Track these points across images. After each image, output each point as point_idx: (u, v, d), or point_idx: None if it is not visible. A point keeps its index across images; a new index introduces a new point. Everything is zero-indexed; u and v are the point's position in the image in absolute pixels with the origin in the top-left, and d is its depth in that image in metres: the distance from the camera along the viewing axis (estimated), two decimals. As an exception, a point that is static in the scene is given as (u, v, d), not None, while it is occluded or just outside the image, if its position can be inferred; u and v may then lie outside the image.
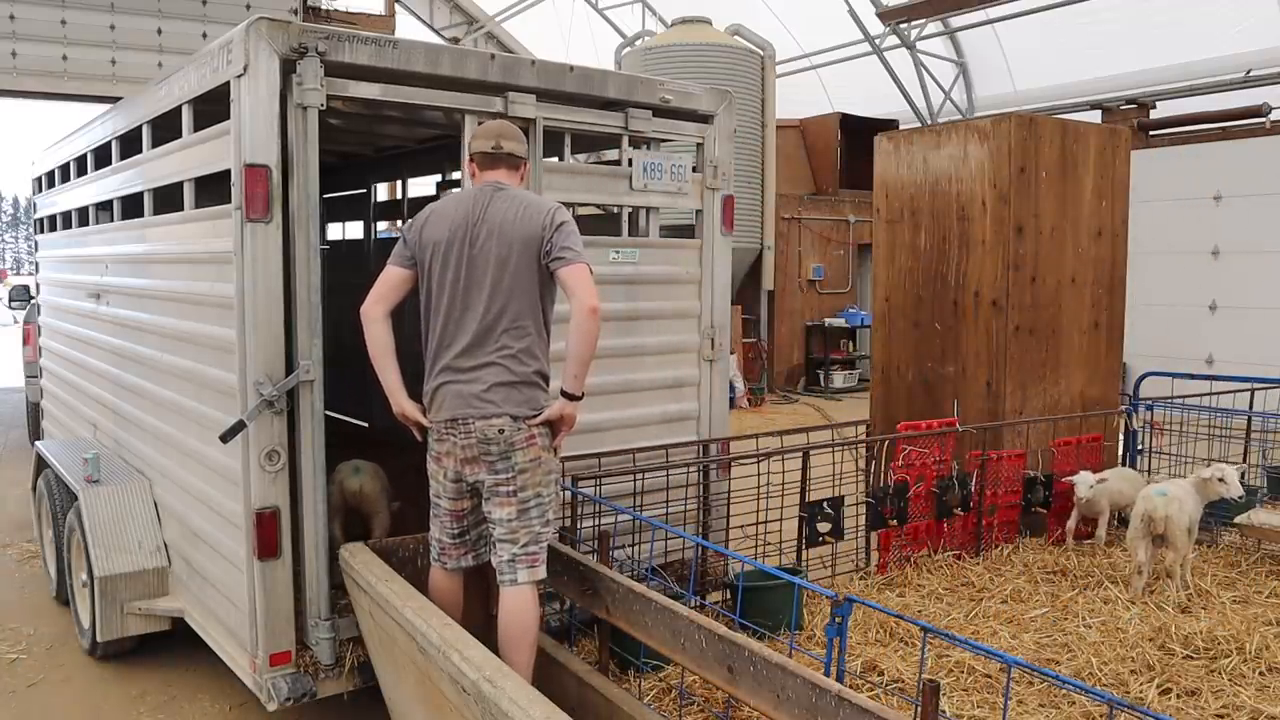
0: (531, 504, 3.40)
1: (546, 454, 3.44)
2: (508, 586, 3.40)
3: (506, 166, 3.59)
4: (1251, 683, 3.91)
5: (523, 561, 3.39)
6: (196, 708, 4.33)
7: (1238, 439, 6.34)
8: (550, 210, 3.46)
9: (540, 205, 3.49)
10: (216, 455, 3.79)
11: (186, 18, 10.83)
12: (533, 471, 3.40)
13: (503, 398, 3.36)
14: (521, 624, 3.37)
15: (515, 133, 3.66)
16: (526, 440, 3.37)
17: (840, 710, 2.43)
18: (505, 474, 3.38)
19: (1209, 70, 13.43)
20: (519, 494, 3.38)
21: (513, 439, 3.36)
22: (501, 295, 3.39)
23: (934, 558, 5.31)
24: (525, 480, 3.39)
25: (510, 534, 3.40)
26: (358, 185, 7.31)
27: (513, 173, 3.62)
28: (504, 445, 3.36)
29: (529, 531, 3.40)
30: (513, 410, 3.36)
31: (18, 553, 6.59)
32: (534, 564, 3.41)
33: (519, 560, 3.39)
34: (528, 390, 3.40)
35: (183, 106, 4.07)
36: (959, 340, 6.05)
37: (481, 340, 3.40)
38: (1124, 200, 6.37)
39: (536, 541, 3.42)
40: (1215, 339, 11.09)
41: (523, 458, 3.37)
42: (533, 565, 3.41)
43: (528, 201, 3.50)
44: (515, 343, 3.39)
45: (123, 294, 5.12)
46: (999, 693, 3.79)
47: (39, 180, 7.34)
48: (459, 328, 3.44)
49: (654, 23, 19.62)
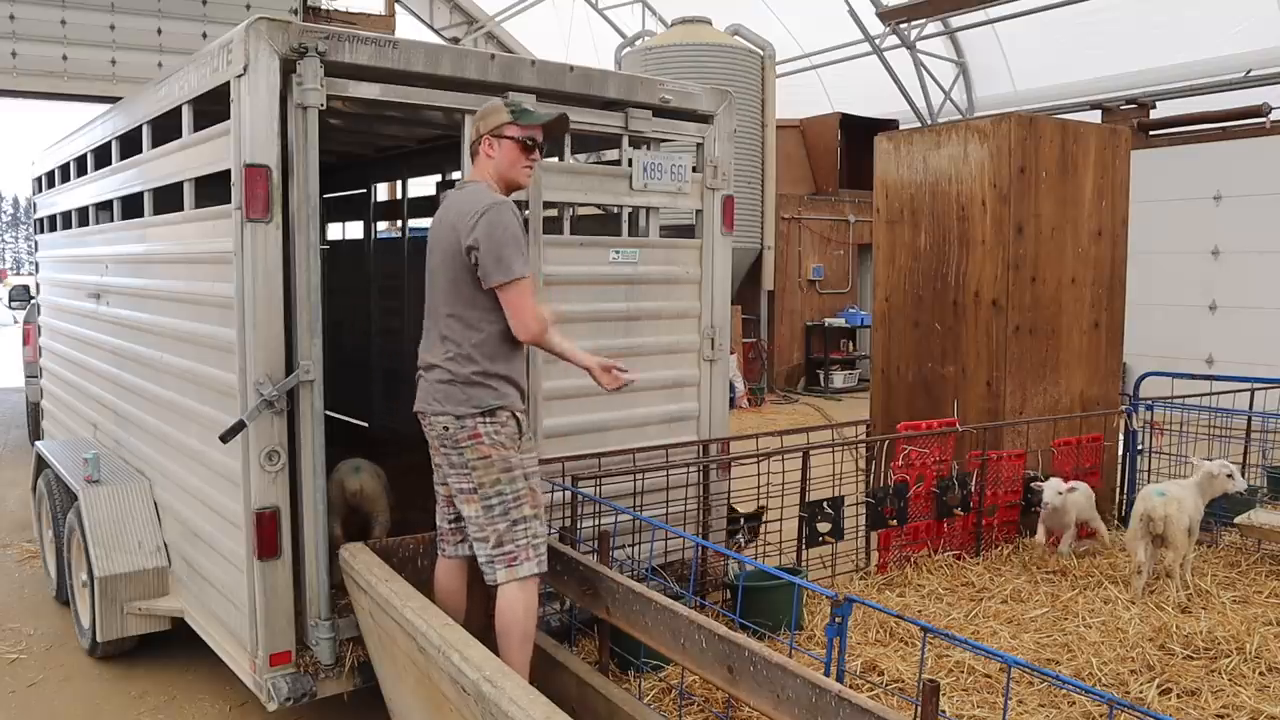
0: (494, 501, 3.37)
1: (498, 451, 3.37)
2: (495, 585, 3.42)
3: (472, 157, 3.53)
4: (1251, 683, 3.91)
5: (500, 561, 3.38)
6: (196, 708, 4.33)
7: (1238, 439, 6.35)
8: (471, 221, 3.27)
9: (465, 213, 3.31)
10: (216, 455, 3.79)
11: (186, 18, 10.83)
12: (485, 469, 3.36)
13: (444, 395, 3.38)
14: (503, 621, 3.37)
15: (475, 116, 3.55)
16: (470, 438, 3.36)
17: (840, 710, 2.43)
18: (463, 470, 3.39)
19: (1209, 70, 13.43)
20: (478, 491, 3.38)
21: (457, 437, 3.36)
22: (442, 302, 3.43)
23: (934, 558, 5.31)
24: (479, 478, 3.37)
25: (480, 532, 3.40)
26: (358, 185, 7.31)
27: (477, 160, 3.50)
28: (451, 443, 3.38)
29: (495, 531, 3.37)
30: (454, 409, 3.36)
31: (18, 553, 6.58)
32: (511, 563, 3.37)
33: (495, 561, 3.38)
34: (469, 389, 3.36)
35: (183, 106, 4.07)
36: (959, 340, 6.05)
37: (431, 343, 3.48)
38: (1124, 200, 6.37)
39: (513, 540, 3.38)
40: (1215, 339, 11.09)
41: (471, 455, 3.36)
42: (510, 565, 3.37)
43: (459, 209, 3.36)
44: (455, 347, 3.39)
45: (123, 294, 5.12)
46: (999, 693, 3.79)
47: (39, 180, 7.34)
48: (426, 328, 3.54)
49: (654, 23, 19.61)
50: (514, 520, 3.39)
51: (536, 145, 3.53)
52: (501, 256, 3.26)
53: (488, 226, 3.25)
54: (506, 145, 3.45)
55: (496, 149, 3.45)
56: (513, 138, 3.45)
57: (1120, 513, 6.33)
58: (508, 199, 3.42)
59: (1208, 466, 5.17)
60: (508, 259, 3.26)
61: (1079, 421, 6.08)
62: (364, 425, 7.48)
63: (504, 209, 3.31)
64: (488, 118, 3.47)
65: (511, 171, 3.48)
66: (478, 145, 3.48)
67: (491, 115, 3.47)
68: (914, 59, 16.41)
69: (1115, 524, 6.23)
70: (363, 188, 7.30)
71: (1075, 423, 6.06)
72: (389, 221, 9.52)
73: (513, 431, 3.42)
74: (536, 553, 3.43)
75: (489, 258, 3.26)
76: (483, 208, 3.28)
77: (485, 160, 3.47)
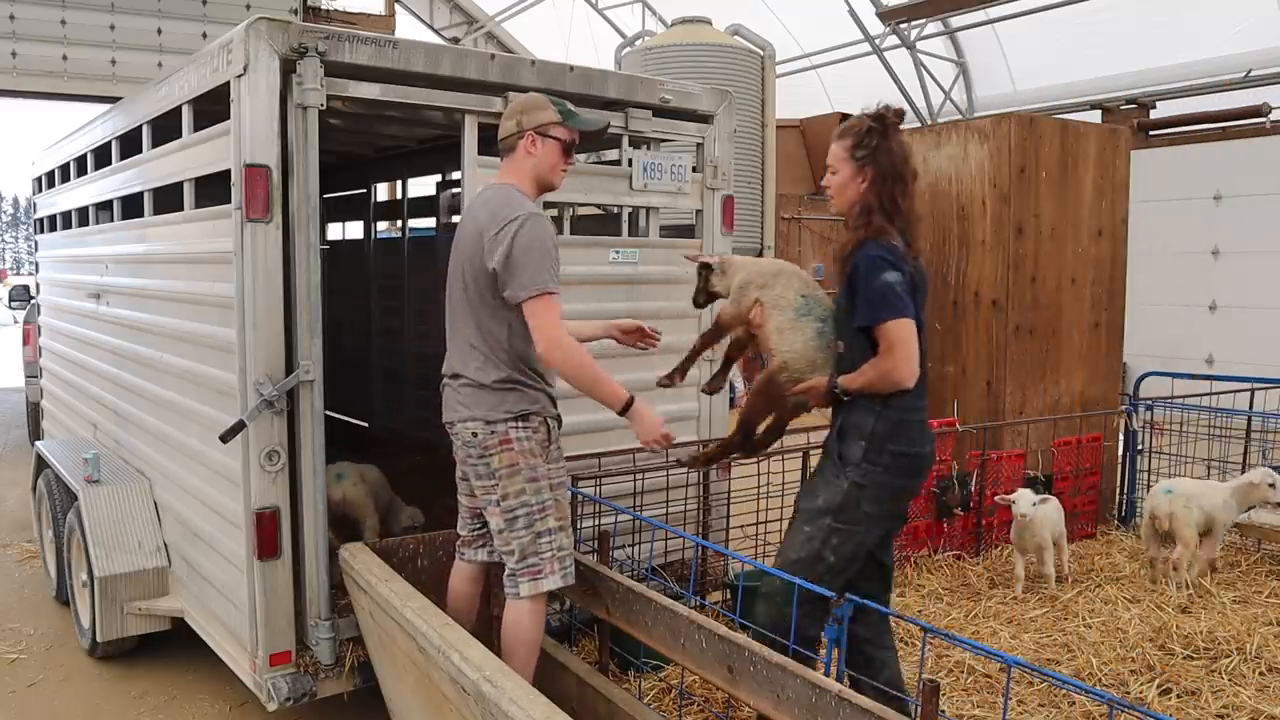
0: (518, 513, 3.25)
1: (526, 459, 3.24)
2: (510, 599, 3.35)
3: (503, 156, 3.34)
4: (1251, 683, 3.92)
5: (523, 575, 3.28)
6: (196, 708, 4.33)
7: (1238, 439, 6.35)
8: (504, 228, 3.10)
9: (498, 218, 3.14)
10: (216, 455, 3.79)
11: (186, 18, 10.81)
12: (510, 479, 3.24)
13: (473, 400, 3.25)
14: (512, 636, 3.31)
15: (512, 109, 3.34)
16: (501, 444, 3.23)
17: (840, 710, 2.43)
18: (488, 480, 3.28)
19: (1209, 70, 13.41)
20: (502, 503, 3.26)
21: (486, 443, 3.24)
22: (467, 306, 3.28)
23: (934, 558, 5.31)
24: (505, 488, 3.24)
25: (505, 545, 3.31)
26: (358, 185, 7.31)
27: (510, 159, 3.31)
28: (479, 449, 3.26)
29: (519, 543, 3.26)
30: (484, 414, 3.23)
31: (18, 553, 6.58)
32: (535, 576, 3.28)
33: (519, 575, 3.29)
34: (501, 394, 3.24)
35: (183, 106, 4.06)
36: (959, 340, 6.05)
37: (459, 350, 3.33)
38: (1124, 200, 6.37)
39: (536, 553, 3.26)
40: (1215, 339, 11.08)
41: (497, 464, 3.24)
42: (534, 578, 3.28)
43: (491, 211, 3.18)
44: (484, 354, 3.25)
45: (123, 294, 5.12)
46: (999, 693, 3.79)
47: (39, 180, 7.34)
48: (450, 334, 3.41)
49: (654, 23, 19.60)
50: (538, 533, 3.26)
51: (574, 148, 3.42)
52: (524, 266, 3.09)
53: (508, 236, 3.10)
54: (550, 145, 3.29)
55: (539, 147, 3.27)
56: (558, 139, 3.30)
57: (1120, 513, 6.34)
58: (544, 213, 3.29)
59: (1249, 475, 5.07)
60: (537, 272, 3.10)
61: (1079, 421, 6.08)
62: (364, 425, 7.48)
63: (542, 221, 3.17)
64: (532, 113, 3.27)
65: (551, 173, 3.33)
66: (515, 140, 3.28)
67: (537, 111, 3.28)
68: (914, 59, 16.40)
69: (1115, 524, 6.23)
70: (363, 188, 7.29)
71: (1075, 423, 6.06)
72: (389, 221, 9.52)
73: (543, 439, 3.30)
74: (562, 565, 3.31)
75: (522, 266, 3.09)
76: (520, 216, 3.11)
77: (525, 157, 3.28)
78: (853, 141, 3.22)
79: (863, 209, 3.21)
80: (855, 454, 3.16)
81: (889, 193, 3.19)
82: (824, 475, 3.26)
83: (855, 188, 3.24)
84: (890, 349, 3.10)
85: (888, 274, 3.09)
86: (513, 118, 3.30)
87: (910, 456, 3.20)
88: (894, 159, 3.20)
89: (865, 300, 3.11)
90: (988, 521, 5.52)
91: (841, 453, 3.20)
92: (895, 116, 3.24)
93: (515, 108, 3.34)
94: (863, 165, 3.21)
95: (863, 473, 3.16)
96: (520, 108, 3.32)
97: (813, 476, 3.36)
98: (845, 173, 3.25)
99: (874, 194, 3.20)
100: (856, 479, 3.16)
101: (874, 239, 3.15)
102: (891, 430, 3.15)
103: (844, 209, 3.34)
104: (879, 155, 3.19)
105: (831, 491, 3.19)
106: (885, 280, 3.08)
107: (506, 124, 3.31)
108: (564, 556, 3.34)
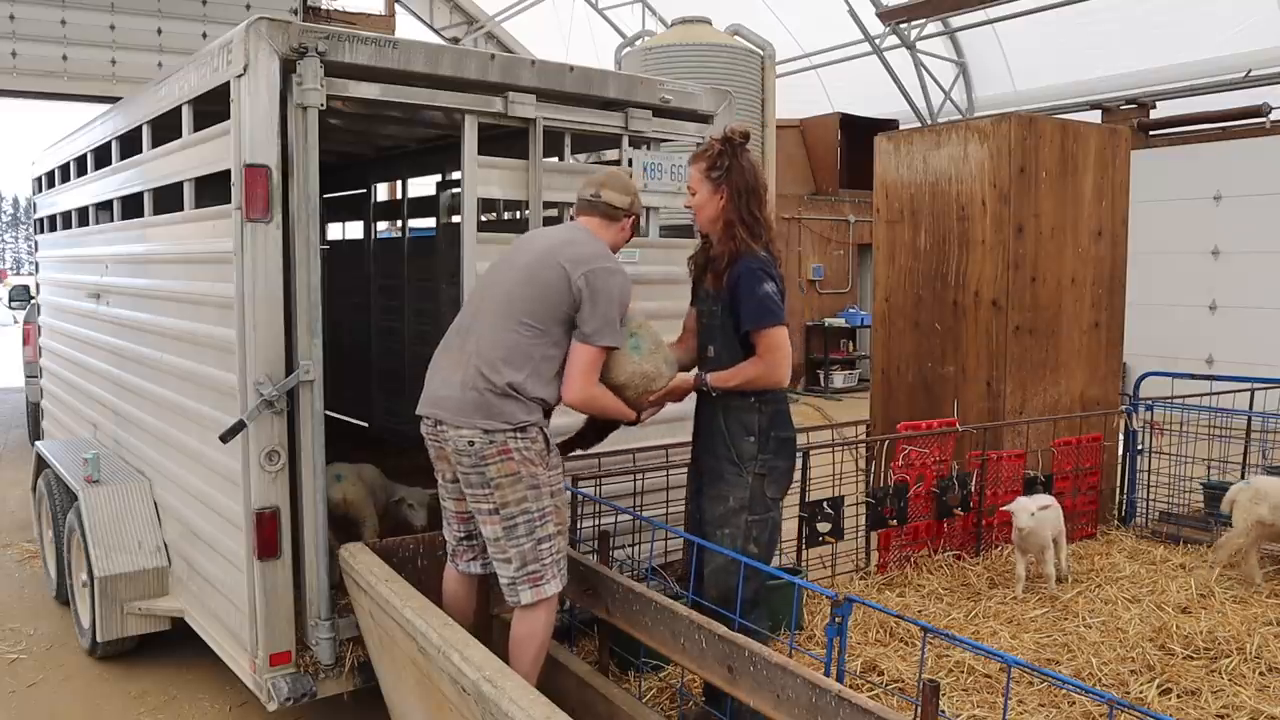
0: (519, 520, 3.22)
1: (526, 468, 3.22)
2: (516, 608, 3.32)
3: (601, 215, 3.49)
4: (1251, 683, 3.92)
5: (524, 582, 3.25)
6: (196, 708, 4.33)
7: (1238, 439, 6.35)
8: (598, 267, 3.28)
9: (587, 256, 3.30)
10: (216, 455, 3.79)
11: (186, 18, 10.82)
12: (510, 487, 3.20)
13: (473, 407, 3.20)
14: (520, 643, 3.29)
15: (622, 182, 3.54)
16: (500, 453, 3.19)
17: (840, 710, 2.43)
18: (480, 489, 3.24)
19: (1209, 70, 13.43)
20: (500, 511, 3.22)
21: (484, 453, 3.19)
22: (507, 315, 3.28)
23: (934, 558, 5.31)
24: (503, 496, 3.21)
25: (502, 554, 3.26)
26: (358, 185, 7.31)
27: (608, 223, 3.50)
28: (475, 458, 3.21)
29: (519, 551, 3.23)
30: (483, 423, 3.19)
31: (18, 553, 6.59)
32: (537, 583, 3.26)
33: (519, 582, 3.26)
34: (503, 403, 3.20)
35: (183, 106, 4.06)
36: (959, 340, 6.05)
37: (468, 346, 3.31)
38: (1124, 200, 6.37)
39: (537, 559, 3.24)
40: (1215, 339, 11.09)
41: (496, 473, 3.20)
42: (536, 584, 3.26)
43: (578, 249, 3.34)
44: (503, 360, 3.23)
45: (123, 294, 5.12)
46: (999, 693, 3.79)
47: (39, 180, 7.34)
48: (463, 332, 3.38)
49: (654, 23, 19.60)
50: (539, 539, 3.24)
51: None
52: (609, 318, 3.26)
53: (618, 288, 3.29)
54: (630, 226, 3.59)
55: (629, 230, 3.58)
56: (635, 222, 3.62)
57: (1120, 513, 6.33)
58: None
59: None
60: (610, 323, 3.27)
61: (1079, 421, 6.08)
62: (364, 425, 7.48)
63: (628, 279, 3.38)
64: (638, 200, 3.59)
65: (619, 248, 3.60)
66: (622, 215, 3.51)
67: (638, 200, 3.60)
68: (914, 59, 16.42)
69: (1115, 524, 6.23)
70: (363, 188, 7.30)
71: (1075, 423, 6.06)
72: (389, 221, 9.52)
73: (541, 449, 3.28)
74: (559, 569, 3.33)
75: (594, 312, 3.24)
76: (615, 267, 3.34)
77: (619, 231, 3.54)
78: (707, 164, 3.55)
79: (726, 223, 3.53)
80: (750, 449, 3.50)
81: (746, 206, 3.52)
82: (725, 479, 3.54)
83: (715, 205, 3.55)
84: (770, 351, 3.45)
85: (766, 284, 3.45)
86: (629, 195, 3.54)
87: (787, 440, 3.59)
88: (746, 175, 3.53)
89: (748, 309, 3.44)
90: (988, 521, 5.52)
91: (737, 453, 3.51)
92: (741, 137, 3.56)
93: (631, 186, 3.59)
94: (719, 184, 3.53)
95: (761, 463, 3.51)
96: (635, 189, 3.60)
97: (709, 488, 3.60)
98: (704, 192, 3.56)
99: (733, 209, 3.52)
100: (758, 470, 3.50)
101: (748, 253, 3.47)
102: (771, 420, 3.52)
103: (706, 225, 3.64)
104: (732, 174, 3.51)
105: (739, 489, 3.51)
106: (765, 290, 3.44)
107: (619, 196, 3.51)
108: (560, 559, 3.35)
